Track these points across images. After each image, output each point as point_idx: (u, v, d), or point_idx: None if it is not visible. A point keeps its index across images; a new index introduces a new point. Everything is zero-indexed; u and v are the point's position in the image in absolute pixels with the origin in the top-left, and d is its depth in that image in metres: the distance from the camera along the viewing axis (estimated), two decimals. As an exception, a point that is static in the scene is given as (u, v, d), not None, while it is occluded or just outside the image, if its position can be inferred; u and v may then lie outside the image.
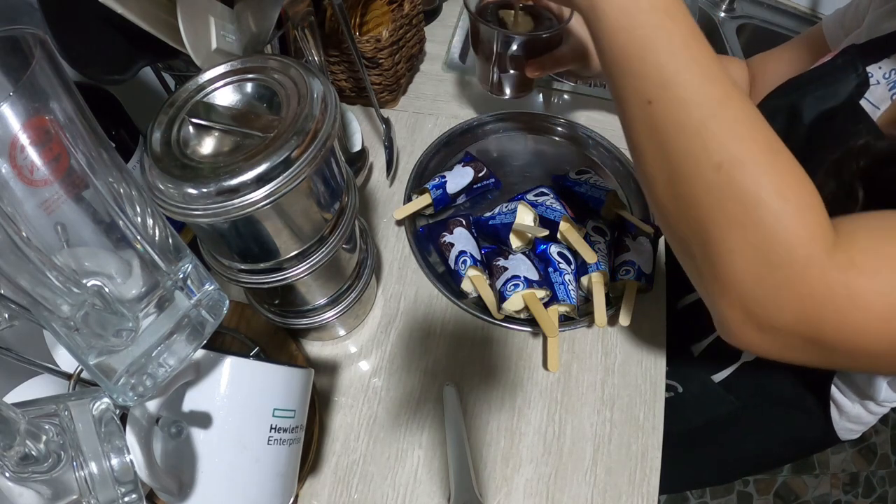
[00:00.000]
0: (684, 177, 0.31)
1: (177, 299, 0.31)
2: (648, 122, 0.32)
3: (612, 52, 0.33)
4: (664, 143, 0.31)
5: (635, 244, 0.59)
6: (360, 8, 0.73)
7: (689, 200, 0.31)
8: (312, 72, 0.37)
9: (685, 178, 0.31)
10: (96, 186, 0.27)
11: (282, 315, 0.51)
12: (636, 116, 0.33)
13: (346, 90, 0.74)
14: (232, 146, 0.36)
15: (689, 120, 0.30)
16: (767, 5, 1.11)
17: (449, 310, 0.59)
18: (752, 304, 0.29)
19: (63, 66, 0.25)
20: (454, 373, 0.55)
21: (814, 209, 0.29)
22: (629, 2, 0.32)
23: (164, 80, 0.56)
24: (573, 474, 0.51)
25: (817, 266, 0.28)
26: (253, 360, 0.39)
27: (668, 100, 0.31)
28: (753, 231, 0.28)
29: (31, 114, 0.24)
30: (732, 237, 0.29)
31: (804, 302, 0.28)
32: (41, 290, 0.26)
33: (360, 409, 0.54)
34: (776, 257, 0.28)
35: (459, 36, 0.87)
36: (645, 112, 0.32)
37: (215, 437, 0.36)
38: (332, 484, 0.50)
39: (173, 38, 0.40)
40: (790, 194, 0.28)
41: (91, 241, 0.28)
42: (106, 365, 0.29)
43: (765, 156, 0.29)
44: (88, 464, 0.28)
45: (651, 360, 0.57)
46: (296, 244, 0.41)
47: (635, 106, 0.33)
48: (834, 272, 0.28)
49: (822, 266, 0.28)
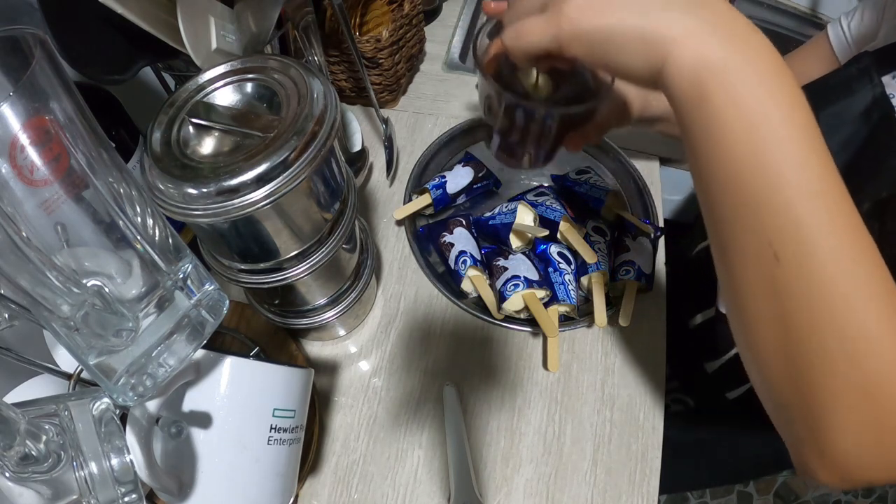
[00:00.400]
0: (806, 348, 0.25)
1: (177, 299, 0.31)
2: (771, 282, 0.25)
3: (720, 167, 0.25)
4: (788, 311, 0.25)
5: (635, 244, 0.59)
6: (360, 8, 0.73)
7: (805, 369, 0.26)
8: (312, 72, 0.37)
9: (806, 350, 0.25)
10: (96, 186, 0.27)
11: (282, 315, 0.51)
12: (751, 268, 0.26)
13: (346, 90, 0.74)
14: (232, 146, 0.36)
15: (829, 294, 0.24)
16: (767, 5, 1.11)
17: (449, 310, 0.59)
18: (851, 470, 0.27)
19: (63, 66, 0.25)
20: (454, 373, 0.55)
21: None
22: (755, 101, 0.24)
23: (164, 80, 0.56)
24: (573, 474, 0.51)
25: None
26: (253, 360, 0.39)
27: (803, 263, 0.24)
28: (872, 412, 0.25)
29: (31, 114, 0.24)
30: (847, 416, 0.25)
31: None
32: (41, 290, 0.26)
33: (360, 409, 0.54)
34: (890, 437, 0.25)
35: (459, 36, 0.87)
36: (768, 269, 0.25)
37: (215, 437, 0.36)
38: (332, 484, 0.50)
39: (173, 38, 0.40)
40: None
41: (91, 241, 0.28)
42: (106, 365, 0.29)
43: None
44: (88, 464, 0.28)
45: (651, 360, 0.57)
46: (296, 244, 0.41)
47: (753, 256, 0.25)
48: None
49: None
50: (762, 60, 0.25)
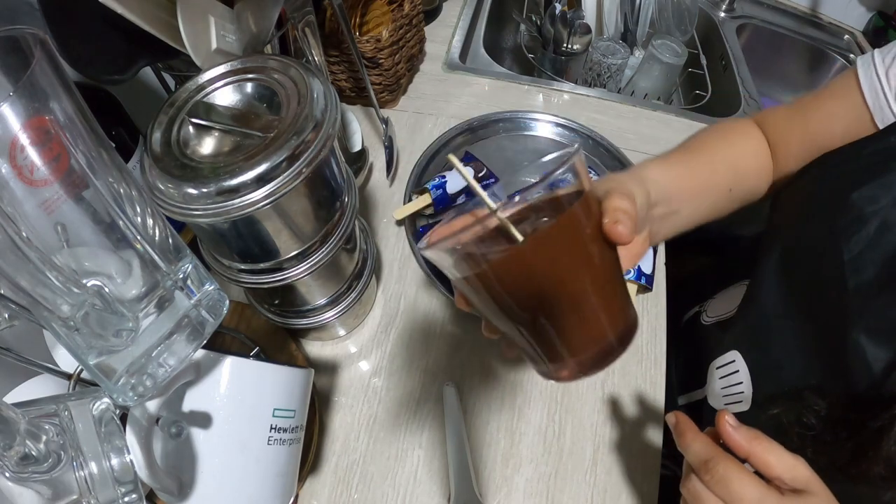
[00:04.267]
0: None
1: (177, 299, 0.31)
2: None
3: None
4: None
5: (635, 244, 0.59)
6: (360, 8, 0.73)
7: None
8: (312, 72, 0.37)
9: None
10: (96, 186, 0.27)
11: (282, 315, 0.51)
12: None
13: (346, 90, 0.74)
14: (232, 146, 0.36)
15: None
16: (767, 5, 1.11)
17: (449, 310, 0.59)
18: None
19: (63, 66, 0.25)
20: (454, 373, 0.55)
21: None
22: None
23: (164, 80, 0.56)
24: (573, 474, 0.51)
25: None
26: (253, 360, 0.39)
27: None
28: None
29: (31, 114, 0.23)
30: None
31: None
32: (41, 290, 0.26)
33: (360, 409, 0.54)
34: None
35: (459, 36, 0.87)
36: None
37: (215, 437, 0.36)
38: (332, 484, 0.50)
39: (173, 38, 0.40)
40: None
41: (91, 241, 0.28)
42: (106, 365, 0.29)
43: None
44: (88, 464, 0.28)
45: (651, 359, 0.57)
46: (296, 244, 0.41)
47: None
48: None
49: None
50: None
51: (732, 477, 0.32)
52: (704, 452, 0.34)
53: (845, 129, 0.43)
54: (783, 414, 0.42)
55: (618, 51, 0.88)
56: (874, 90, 0.42)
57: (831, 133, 0.44)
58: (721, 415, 0.34)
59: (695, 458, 0.34)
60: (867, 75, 0.43)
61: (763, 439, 0.33)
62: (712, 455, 0.33)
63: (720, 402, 0.53)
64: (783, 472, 0.32)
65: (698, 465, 0.34)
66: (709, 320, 0.62)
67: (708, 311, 0.63)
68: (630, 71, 0.94)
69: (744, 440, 0.33)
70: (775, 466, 0.32)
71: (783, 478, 0.32)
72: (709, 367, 0.56)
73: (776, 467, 0.32)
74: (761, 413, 0.46)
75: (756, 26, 1.08)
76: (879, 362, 0.36)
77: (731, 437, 0.33)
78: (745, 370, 0.49)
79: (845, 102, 0.44)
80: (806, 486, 0.32)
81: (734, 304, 0.56)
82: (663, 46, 0.87)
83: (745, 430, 0.33)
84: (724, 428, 0.33)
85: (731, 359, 0.51)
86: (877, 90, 0.42)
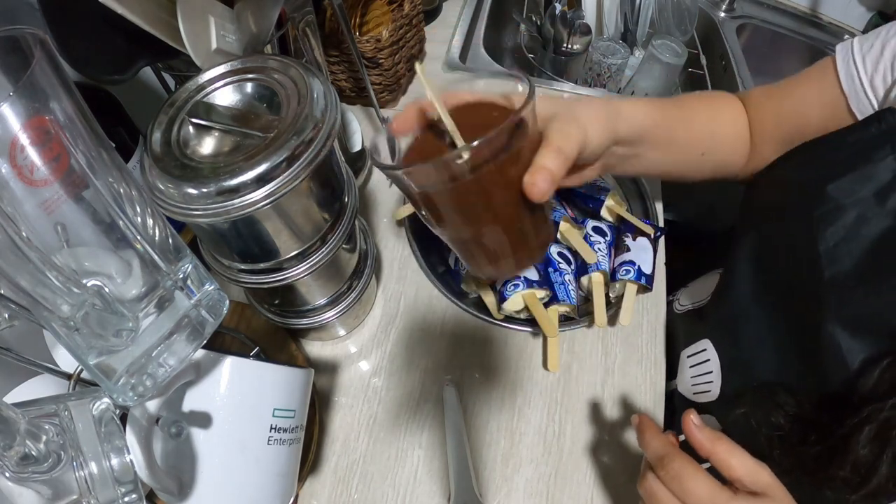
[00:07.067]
0: None
1: (177, 299, 0.31)
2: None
3: None
4: None
5: (635, 244, 0.59)
6: (360, 8, 0.73)
7: None
8: (312, 72, 0.37)
9: None
10: (96, 186, 0.27)
11: (282, 315, 0.51)
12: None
13: (346, 90, 0.74)
14: (232, 146, 0.36)
15: None
16: (767, 5, 1.11)
17: (449, 310, 0.59)
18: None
19: (63, 66, 0.25)
20: (454, 373, 0.55)
21: None
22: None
23: (164, 80, 0.56)
24: (573, 474, 0.51)
25: None
26: (253, 360, 0.39)
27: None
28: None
29: (31, 114, 0.23)
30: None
31: None
32: (41, 290, 0.26)
33: (360, 409, 0.54)
34: None
35: (459, 36, 0.87)
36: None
37: (215, 437, 0.36)
38: (332, 484, 0.50)
39: (173, 38, 0.40)
40: None
41: (91, 241, 0.28)
42: (106, 365, 0.29)
43: None
44: (88, 464, 0.28)
45: (651, 359, 0.57)
46: (296, 244, 0.41)
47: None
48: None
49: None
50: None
51: (686, 473, 0.33)
52: (662, 450, 0.35)
53: (820, 112, 0.44)
54: (751, 412, 0.42)
55: (618, 51, 0.88)
56: (850, 75, 0.42)
57: (805, 115, 0.45)
58: (686, 414, 0.35)
59: (652, 454, 0.36)
60: (844, 59, 0.43)
61: (726, 442, 0.33)
62: (668, 452, 0.34)
63: (690, 390, 0.53)
64: (744, 475, 0.32)
65: (655, 462, 0.35)
66: (681, 308, 0.62)
67: (681, 299, 0.63)
68: (630, 71, 0.94)
69: (706, 440, 0.33)
70: (737, 469, 0.33)
71: (743, 481, 0.32)
72: (680, 356, 0.56)
73: (737, 469, 0.32)
74: (730, 406, 0.46)
75: (756, 26, 1.08)
76: (854, 355, 0.36)
77: (694, 435, 0.34)
78: (715, 359, 0.49)
79: (821, 85, 0.44)
80: (765, 490, 0.32)
81: (707, 291, 0.55)
82: (663, 46, 0.87)
83: (708, 430, 0.34)
84: (688, 426, 0.34)
85: (703, 347, 0.51)
86: (853, 75, 0.42)
